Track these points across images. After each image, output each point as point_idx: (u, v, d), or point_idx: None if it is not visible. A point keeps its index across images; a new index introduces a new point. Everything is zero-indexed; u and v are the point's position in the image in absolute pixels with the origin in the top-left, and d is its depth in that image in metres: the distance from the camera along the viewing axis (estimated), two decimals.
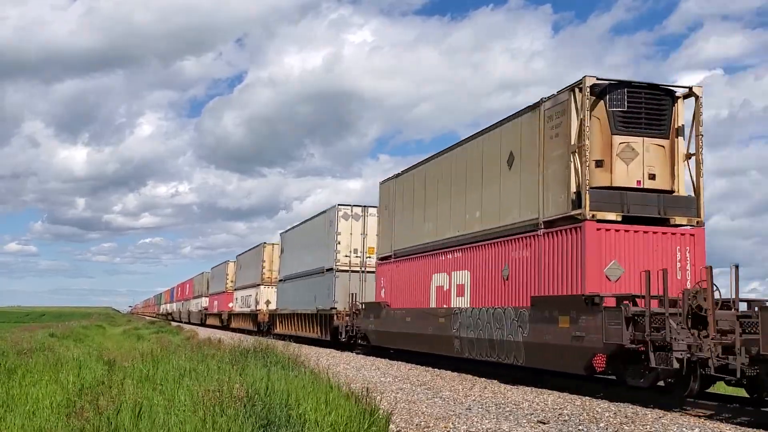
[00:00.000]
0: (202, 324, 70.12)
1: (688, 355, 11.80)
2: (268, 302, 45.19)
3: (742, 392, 13.01)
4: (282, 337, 38.26)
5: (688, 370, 11.95)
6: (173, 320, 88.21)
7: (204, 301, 72.50)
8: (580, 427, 10.33)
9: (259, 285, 46.83)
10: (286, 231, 41.77)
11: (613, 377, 14.67)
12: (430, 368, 20.39)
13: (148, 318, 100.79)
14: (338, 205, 31.08)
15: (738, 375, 10.96)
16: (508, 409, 12.11)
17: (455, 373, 18.74)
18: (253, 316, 47.96)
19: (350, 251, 30.63)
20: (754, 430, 10.43)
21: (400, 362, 22.76)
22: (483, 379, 17.16)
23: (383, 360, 23.84)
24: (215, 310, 65.27)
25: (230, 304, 57.74)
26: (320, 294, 32.10)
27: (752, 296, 14.06)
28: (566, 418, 11.16)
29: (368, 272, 29.64)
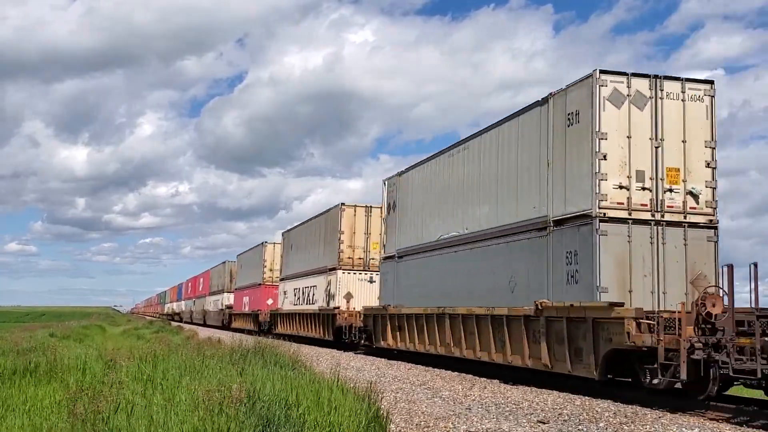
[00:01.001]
0: (225, 327, 55.72)
1: None
2: (348, 296, 31.22)
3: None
4: (407, 354, 23.31)
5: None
6: (181, 322, 76.45)
7: (227, 298, 57.66)
8: (580, 427, 10.33)
9: (334, 270, 31.35)
10: (405, 171, 24.69)
11: None
12: (430, 368, 20.37)
13: (148, 318, 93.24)
14: (599, 71, 14.21)
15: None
16: (508, 408, 12.10)
17: (455, 373, 18.73)
18: (324, 317, 32.42)
19: (629, 180, 14.14)
20: (755, 430, 10.42)
21: (400, 362, 22.76)
22: (483, 379, 17.14)
23: (383, 360, 23.84)
24: (246, 309, 49.77)
25: (269, 301, 44.16)
26: (535, 273, 15.85)
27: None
28: (566, 417, 11.16)
29: (671, 224, 14.23)
